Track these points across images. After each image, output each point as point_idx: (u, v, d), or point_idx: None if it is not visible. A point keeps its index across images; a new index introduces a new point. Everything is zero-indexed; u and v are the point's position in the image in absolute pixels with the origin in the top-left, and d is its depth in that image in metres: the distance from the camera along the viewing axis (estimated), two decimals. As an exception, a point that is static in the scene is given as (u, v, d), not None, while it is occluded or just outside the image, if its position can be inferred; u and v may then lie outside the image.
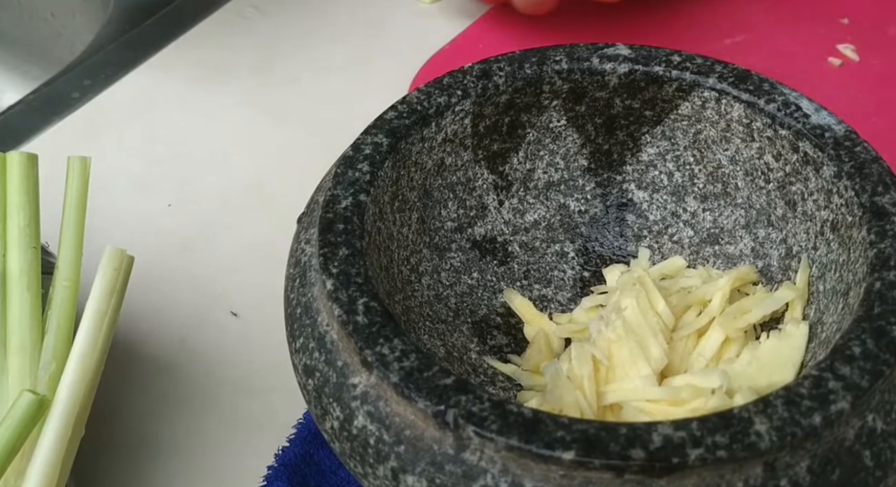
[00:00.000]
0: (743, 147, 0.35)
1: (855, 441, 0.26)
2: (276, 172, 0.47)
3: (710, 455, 0.25)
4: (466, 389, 0.27)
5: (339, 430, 0.29)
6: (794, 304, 0.33)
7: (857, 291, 0.29)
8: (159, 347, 0.41)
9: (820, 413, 0.26)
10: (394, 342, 0.28)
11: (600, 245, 0.39)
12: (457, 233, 0.37)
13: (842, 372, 0.26)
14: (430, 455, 0.26)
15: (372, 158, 0.33)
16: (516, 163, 0.37)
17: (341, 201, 0.32)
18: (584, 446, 0.25)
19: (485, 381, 0.35)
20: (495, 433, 0.25)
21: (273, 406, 0.39)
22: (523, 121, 0.37)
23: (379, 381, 0.28)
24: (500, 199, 0.38)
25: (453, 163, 0.36)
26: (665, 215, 0.38)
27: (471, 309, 0.37)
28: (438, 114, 0.35)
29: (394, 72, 0.51)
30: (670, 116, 0.36)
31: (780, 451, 0.25)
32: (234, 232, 0.45)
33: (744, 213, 0.36)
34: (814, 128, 0.33)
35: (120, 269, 0.30)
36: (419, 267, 0.36)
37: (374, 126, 0.34)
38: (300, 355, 0.30)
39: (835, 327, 0.31)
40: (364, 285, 0.29)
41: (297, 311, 0.31)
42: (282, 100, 0.51)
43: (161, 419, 0.38)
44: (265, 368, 0.40)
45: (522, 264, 0.38)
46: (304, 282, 0.31)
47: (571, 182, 0.38)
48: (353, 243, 0.30)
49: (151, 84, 0.51)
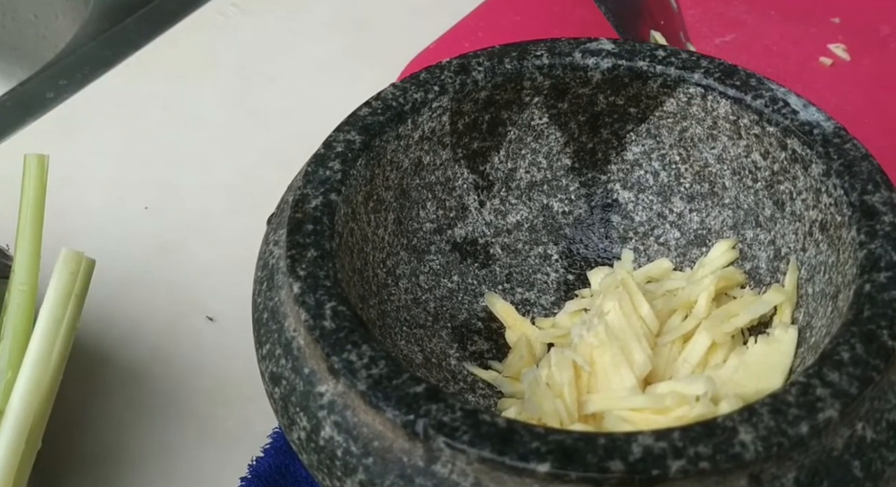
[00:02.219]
0: (730, 145, 0.34)
1: (844, 450, 0.25)
2: (257, 174, 0.46)
3: (692, 467, 0.24)
4: (438, 397, 0.26)
5: (306, 441, 0.28)
6: (782, 308, 0.32)
7: (846, 294, 0.28)
8: (132, 354, 0.40)
9: (807, 421, 0.25)
10: (362, 348, 0.27)
11: (585, 247, 0.37)
12: (436, 234, 0.36)
13: (830, 379, 0.25)
14: (400, 467, 0.25)
15: (344, 156, 0.32)
16: (497, 162, 0.36)
17: (311, 201, 0.31)
18: (560, 458, 0.24)
19: (464, 388, 0.34)
20: (467, 444, 0.24)
21: (249, 416, 0.37)
22: (504, 119, 0.36)
23: (346, 389, 0.27)
24: (481, 200, 0.37)
25: (431, 162, 0.35)
26: (651, 216, 0.37)
27: (450, 313, 0.36)
28: (415, 110, 0.34)
29: (379, 70, 0.50)
30: (655, 113, 0.35)
31: (766, 462, 0.24)
32: (212, 235, 0.44)
33: (731, 214, 0.35)
34: (802, 124, 0.32)
35: (77, 273, 0.29)
36: (396, 270, 0.35)
37: (347, 123, 0.33)
38: (267, 362, 0.29)
39: (824, 331, 0.29)
40: (333, 288, 0.28)
41: (264, 316, 0.30)
42: (263, 101, 0.50)
43: (131, 429, 0.37)
44: (242, 376, 0.39)
45: (504, 267, 0.37)
46: (272, 286, 0.30)
47: (555, 182, 0.37)
48: (323, 244, 0.29)
49: (129, 84, 0.50)
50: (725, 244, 0.35)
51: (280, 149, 0.47)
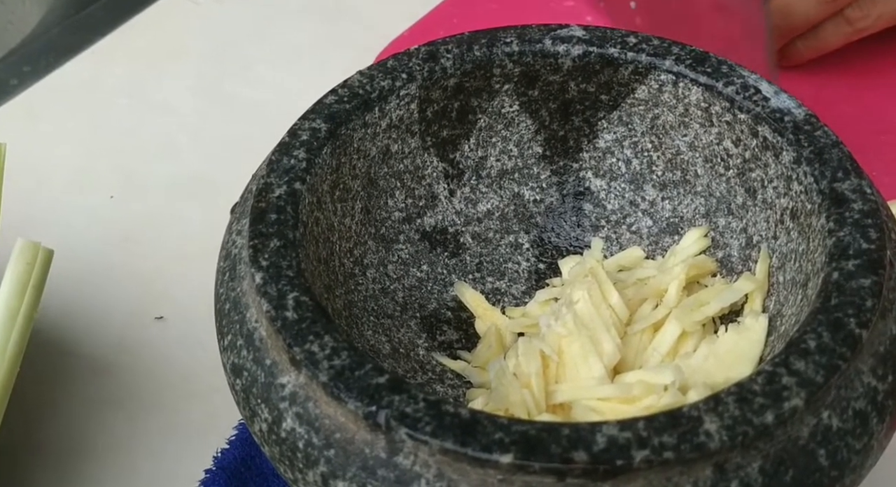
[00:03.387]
0: (702, 132, 0.34)
1: (809, 439, 0.25)
2: (225, 164, 0.45)
3: (656, 457, 0.24)
4: (400, 388, 0.25)
5: (268, 433, 0.27)
6: (753, 296, 0.32)
7: (815, 282, 0.28)
8: (97, 347, 0.39)
9: (772, 410, 0.24)
10: (324, 339, 0.26)
11: (556, 235, 0.37)
12: (405, 223, 0.35)
13: (796, 368, 0.25)
14: (362, 459, 0.25)
15: (309, 145, 0.31)
16: (467, 150, 0.36)
17: (274, 190, 0.30)
18: (523, 448, 0.24)
19: (433, 379, 0.34)
20: (429, 435, 0.24)
21: (214, 408, 0.37)
22: (474, 107, 0.35)
23: (308, 381, 0.26)
24: (451, 188, 0.36)
25: (400, 151, 0.35)
26: (623, 204, 0.36)
27: (420, 303, 0.35)
28: (382, 98, 0.33)
29: (352, 58, 0.49)
30: (627, 101, 0.35)
31: (731, 451, 0.24)
32: (180, 225, 0.44)
33: (703, 202, 0.35)
34: (773, 111, 0.31)
35: (34, 263, 0.28)
36: (363, 260, 0.34)
37: (313, 111, 0.33)
38: (228, 353, 0.29)
39: (794, 319, 0.29)
40: (296, 279, 0.28)
41: (226, 307, 0.29)
42: (233, 89, 0.49)
43: (95, 423, 0.37)
44: (208, 368, 0.38)
45: (475, 256, 0.37)
46: (234, 276, 0.30)
47: (526, 170, 0.37)
48: (286, 234, 0.29)
49: (95, 71, 0.50)
50: (697, 232, 0.34)
51: (249, 139, 0.46)
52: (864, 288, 0.26)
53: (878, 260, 0.27)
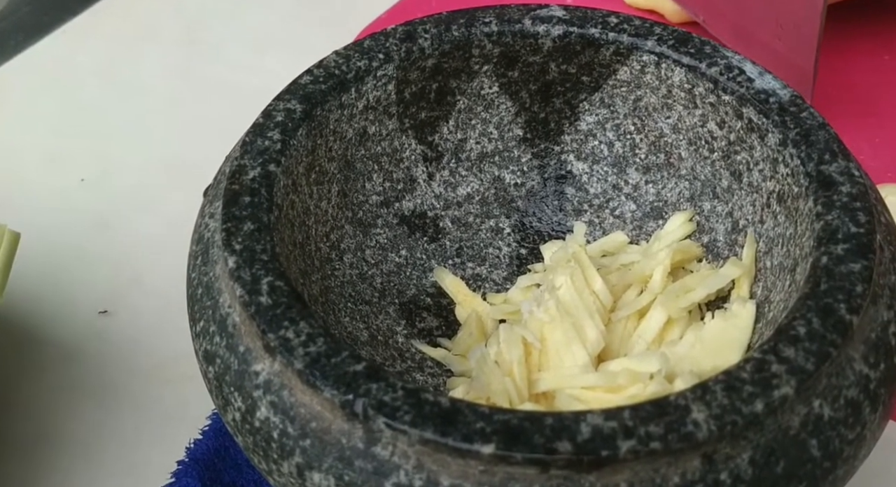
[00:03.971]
0: (685, 114, 0.33)
1: (800, 429, 0.24)
2: (199, 146, 0.44)
3: (642, 447, 0.23)
4: (378, 376, 0.24)
5: (241, 422, 0.26)
6: (740, 282, 0.31)
7: (803, 267, 0.27)
8: (66, 333, 0.38)
9: (762, 399, 0.23)
10: (300, 325, 0.25)
11: (538, 220, 0.36)
12: (383, 207, 0.35)
13: (786, 355, 0.24)
14: (339, 449, 0.24)
15: (284, 126, 0.31)
16: (446, 132, 0.35)
17: (248, 172, 0.29)
18: (505, 438, 0.23)
19: (412, 367, 0.33)
20: (408, 424, 0.23)
21: (188, 396, 0.36)
22: (452, 88, 0.34)
23: (283, 368, 0.25)
24: (430, 172, 0.35)
25: (377, 133, 0.34)
26: (606, 188, 0.36)
27: (398, 289, 0.34)
28: (358, 78, 0.32)
29: (330, 40, 0.48)
30: (609, 82, 0.34)
31: (720, 442, 0.23)
32: (152, 209, 0.43)
33: (688, 185, 0.34)
34: (758, 92, 0.31)
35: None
36: (340, 245, 0.33)
37: (287, 91, 0.32)
38: (200, 340, 0.28)
39: (782, 305, 0.29)
40: (270, 263, 0.27)
41: (198, 292, 0.29)
42: (207, 70, 0.48)
43: (64, 411, 0.36)
44: (182, 355, 0.37)
45: (455, 241, 0.36)
46: (207, 260, 0.29)
47: (506, 153, 0.36)
48: (260, 217, 0.28)
49: (66, 52, 0.49)
50: (682, 216, 0.34)
51: (224, 121, 0.45)
52: (854, 272, 0.26)
53: (867, 243, 0.26)
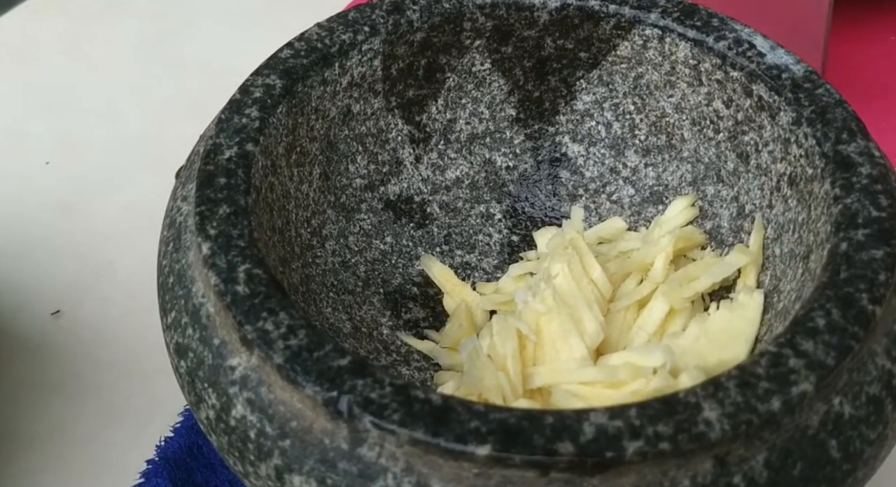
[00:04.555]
0: (689, 92, 0.31)
1: (820, 429, 0.23)
2: (171, 126, 0.43)
3: (650, 449, 0.21)
4: (364, 372, 0.23)
5: (216, 421, 0.24)
6: (747, 270, 0.30)
7: (819, 254, 0.26)
8: (30, 324, 0.36)
9: (779, 396, 0.22)
10: (279, 316, 0.24)
11: (531, 205, 0.35)
12: (367, 191, 0.33)
13: (804, 348, 0.23)
14: (321, 450, 0.23)
15: (262, 102, 0.29)
16: (435, 112, 0.33)
17: (224, 151, 0.27)
18: (502, 439, 0.21)
19: (397, 361, 0.31)
20: (397, 424, 0.22)
21: (160, 392, 0.34)
22: (442, 64, 0.33)
23: (261, 363, 0.24)
24: (418, 154, 0.34)
25: (362, 111, 0.32)
26: (603, 171, 0.34)
27: (383, 278, 0.33)
28: (342, 53, 0.31)
29: (312, 13, 0.46)
30: (608, 58, 0.33)
31: (734, 442, 0.22)
32: (122, 192, 0.41)
33: (690, 168, 0.32)
34: (769, 68, 0.29)
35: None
36: (322, 230, 0.31)
37: (266, 66, 0.30)
38: (172, 332, 0.26)
39: (794, 295, 0.27)
40: (247, 249, 0.25)
41: (170, 281, 0.27)
42: (180, 46, 0.47)
43: (27, 407, 0.34)
44: (153, 348, 0.35)
45: (443, 227, 0.34)
46: (179, 246, 0.27)
47: (498, 134, 0.34)
48: (237, 200, 0.26)
49: (30, 26, 0.47)
50: (684, 201, 0.32)
51: (198, 99, 0.44)
52: (877, 260, 0.24)
53: (890, 229, 0.25)
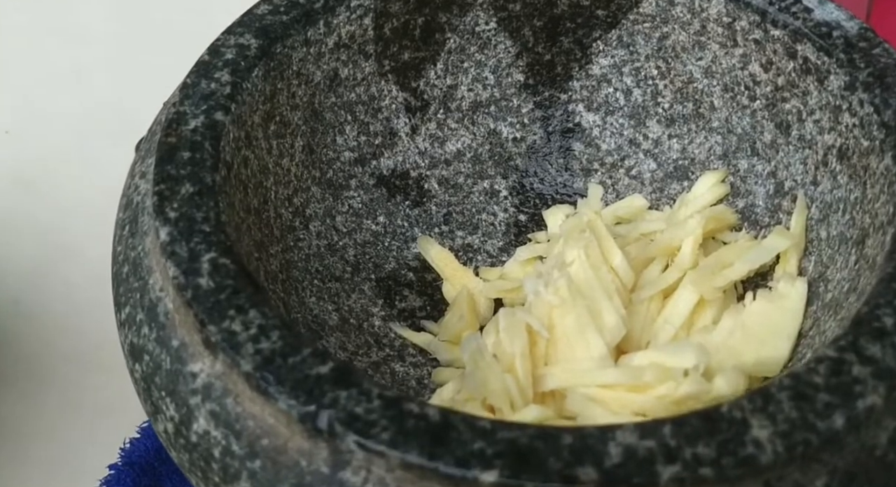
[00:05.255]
0: (722, 54, 0.29)
1: (889, 448, 0.20)
2: (139, 93, 0.41)
3: (689, 474, 0.19)
4: (349, 381, 0.20)
5: (175, 435, 0.22)
6: (787, 256, 0.27)
7: (878, 239, 0.23)
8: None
9: (843, 411, 0.19)
10: (249, 315, 0.21)
11: (540, 181, 0.33)
12: (357, 166, 0.31)
13: (870, 353, 0.20)
14: (297, 474, 0.20)
15: (235, 65, 0.26)
16: (433, 77, 0.31)
17: (189, 121, 0.25)
18: (511, 463, 0.19)
19: (390, 356, 0.29)
20: (387, 444, 0.19)
21: (126, 387, 0.31)
22: (442, 23, 0.31)
23: (226, 369, 0.21)
24: (414, 124, 0.32)
25: (351, 76, 0.30)
26: (621, 143, 0.32)
27: (375, 262, 0.31)
28: (328, 9, 0.29)
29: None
30: (629, 16, 0.30)
31: (788, 466, 0.19)
32: (86, 165, 0.40)
33: (721, 140, 0.30)
34: (818, 25, 0.26)
35: None
36: (306, 210, 0.29)
37: (240, 23, 0.28)
38: (126, 330, 0.24)
39: (846, 286, 0.24)
40: (213, 235, 0.23)
41: (124, 270, 0.24)
42: (148, 9, 0.45)
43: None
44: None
45: (442, 205, 0.32)
46: (135, 231, 0.24)
47: (504, 102, 0.32)
48: (203, 177, 0.24)
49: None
50: (713, 177, 0.30)
51: (166, 65, 0.41)
52: (953, 248, 0.21)
53: (966, 212, 0.21)
